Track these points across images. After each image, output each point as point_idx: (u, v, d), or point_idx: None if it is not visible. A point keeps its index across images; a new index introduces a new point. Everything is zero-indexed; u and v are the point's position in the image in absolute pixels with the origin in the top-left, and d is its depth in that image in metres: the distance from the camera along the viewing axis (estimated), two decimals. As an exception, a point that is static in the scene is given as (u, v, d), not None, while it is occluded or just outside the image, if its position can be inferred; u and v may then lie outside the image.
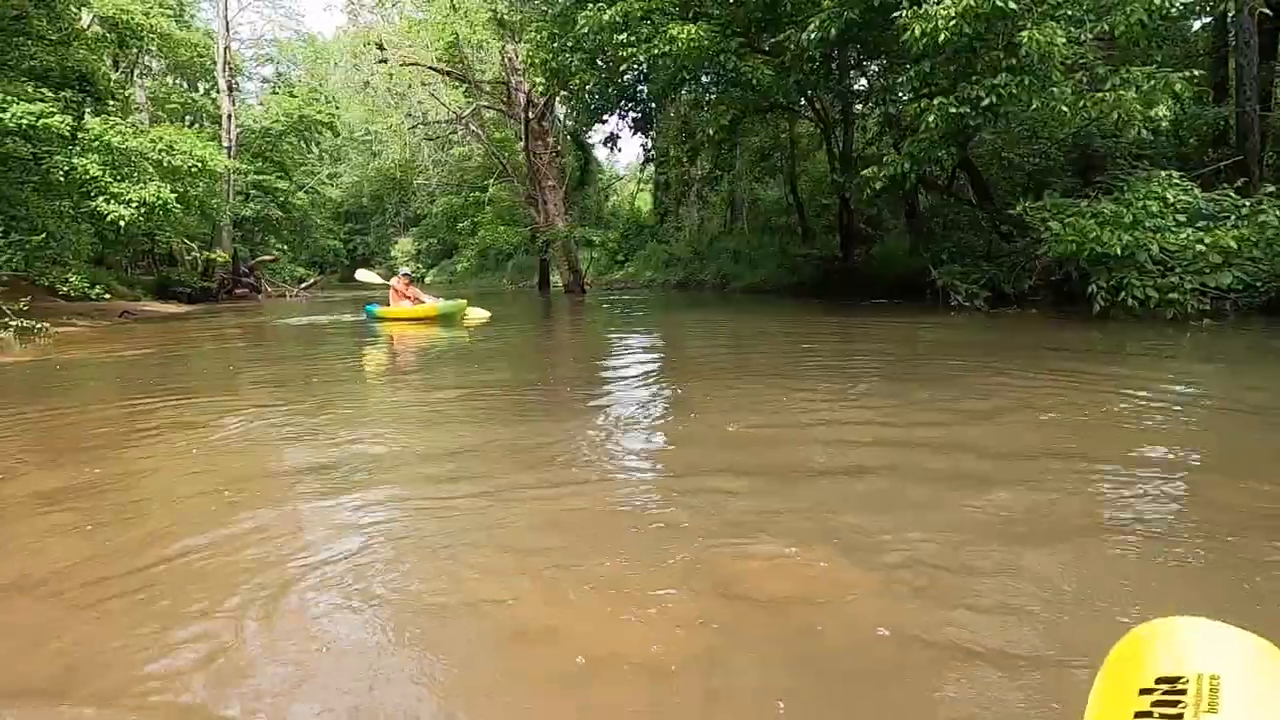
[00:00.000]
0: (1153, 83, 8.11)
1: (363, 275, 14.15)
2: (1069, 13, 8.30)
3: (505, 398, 5.07)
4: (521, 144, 20.93)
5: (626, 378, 5.85)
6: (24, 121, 10.91)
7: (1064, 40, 7.89)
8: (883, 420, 3.91)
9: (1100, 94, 8.22)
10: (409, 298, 11.84)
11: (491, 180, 26.15)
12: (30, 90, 11.80)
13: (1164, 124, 8.06)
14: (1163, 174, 8.55)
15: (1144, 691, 0.72)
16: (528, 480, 3.05)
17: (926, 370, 5.61)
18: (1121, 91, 8.04)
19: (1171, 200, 8.17)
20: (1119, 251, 7.81)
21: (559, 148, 21.35)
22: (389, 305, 11.71)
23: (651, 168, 22.81)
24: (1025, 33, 7.86)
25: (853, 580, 2.08)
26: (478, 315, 11.59)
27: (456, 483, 3.07)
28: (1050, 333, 7.73)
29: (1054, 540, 2.28)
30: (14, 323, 10.78)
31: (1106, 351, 6.46)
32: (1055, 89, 8.21)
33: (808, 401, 4.50)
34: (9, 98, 11.00)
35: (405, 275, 12.56)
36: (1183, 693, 0.69)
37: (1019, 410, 4.08)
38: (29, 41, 13.21)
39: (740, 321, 10.90)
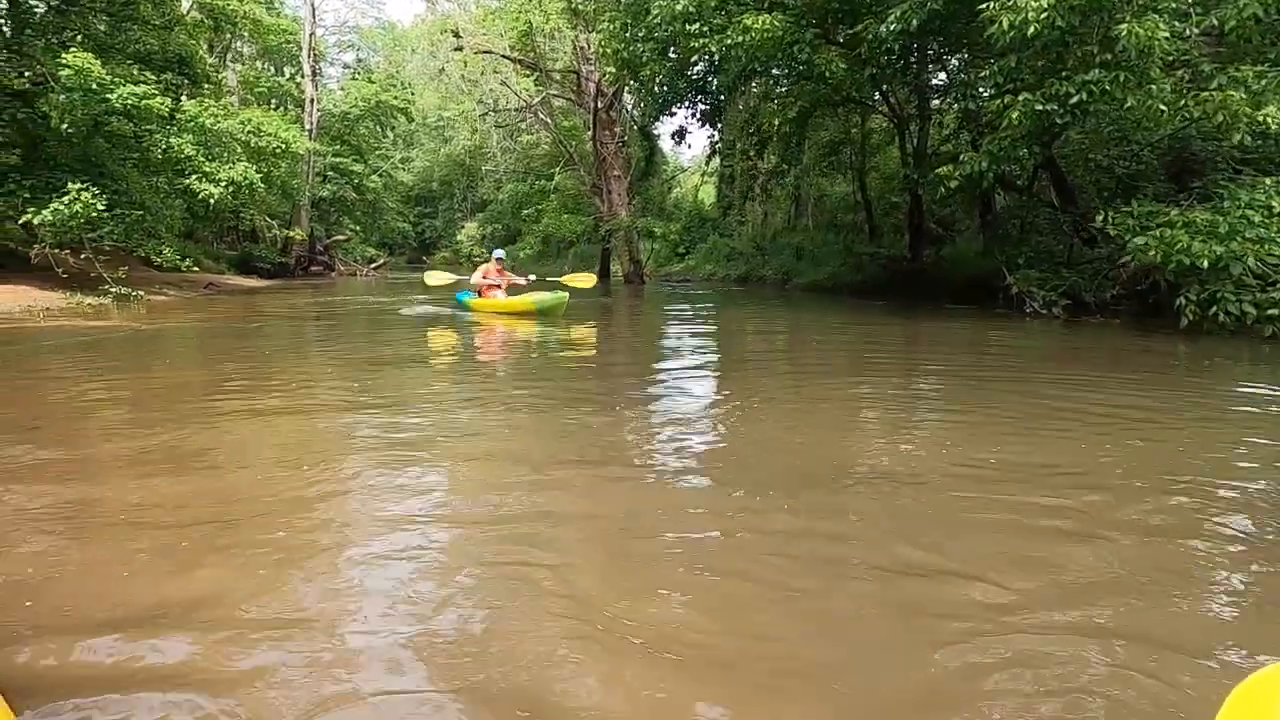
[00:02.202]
0: (1264, 82, 7.55)
1: (434, 279, 11.77)
2: (1173, 5, 7.79)
3: (582, 432, 3.83)
4: (589, 133, 21.09)
5: (708, 393, 5.14)
6: (129, 102, 11.62)
7: (1166, 35, 7.41)
8: (1017, 458, 3.31)
9: (1204, 93, 7.68)
10: (500, 285, 10.66)
11: (557, 169, 26.46)
12: (135, 72, 12.58)
13: (1273, 126, 7.49)
14: (1269, 180, 7.97)
15: None
16: (618, 578, 2.16)
17: (1028, 388, 5.11)
18: (1229, 91, 7.51)
19: (1278, 209, 7.61)
20: (1206, 264, 7.33)
21: (625, 138, 21.40)
22: (482, 295, 10.61)
23: (717, 160, 22.61)
24: (1124, 25, 7.42)
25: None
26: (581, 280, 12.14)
27: (511, 554, 2.26)
28: (1152, 347, 7.22)
29: (1177, 578, 2.15)
30: (114, 290, 11.60)
31: (1239, 374, 5.94)
32: (1154, 86, 7.72)
33: (917, 427, 4.07)
34: (116, 79, 11.74)
35: (499, 259, 11.02)
36: None
37: (1138, 434, 3.75)
38: (136, 26, 14.08)
39: (814, 322, 10.67)
